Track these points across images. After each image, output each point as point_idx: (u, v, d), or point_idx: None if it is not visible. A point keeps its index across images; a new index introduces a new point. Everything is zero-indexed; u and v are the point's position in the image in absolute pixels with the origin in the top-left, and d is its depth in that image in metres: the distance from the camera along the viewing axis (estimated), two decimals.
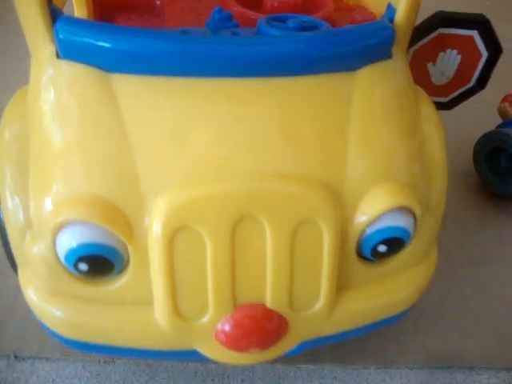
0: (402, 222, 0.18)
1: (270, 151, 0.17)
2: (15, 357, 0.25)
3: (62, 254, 0.17)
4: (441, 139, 0.22)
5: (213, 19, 0.21)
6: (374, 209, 0.18)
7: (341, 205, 0.17)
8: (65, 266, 0.17)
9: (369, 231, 0.18)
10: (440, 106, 0.27)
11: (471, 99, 0.33)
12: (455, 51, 0.25)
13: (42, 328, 0.20)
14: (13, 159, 0.19)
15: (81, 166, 0.17)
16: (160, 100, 0.18)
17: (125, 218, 0.16)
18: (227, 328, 0.17)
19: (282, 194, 0.17)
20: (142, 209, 0.17)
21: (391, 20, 0.20)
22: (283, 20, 0.21)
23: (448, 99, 0.27)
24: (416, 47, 0.25)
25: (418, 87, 0.23)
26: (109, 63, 0.17)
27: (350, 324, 0.20)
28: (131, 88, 0.18)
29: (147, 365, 0.25)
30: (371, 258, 0.19)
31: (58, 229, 0.17)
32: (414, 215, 0.19)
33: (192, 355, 0.19)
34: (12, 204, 0.18)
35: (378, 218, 0.18)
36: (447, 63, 0.26)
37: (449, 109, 0.28)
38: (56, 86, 0.18)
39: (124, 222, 0.16)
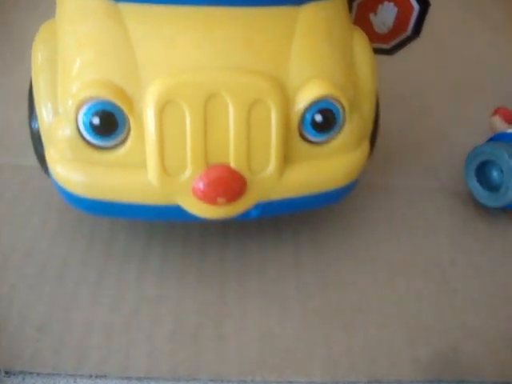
0: (332, 103, 0.24)
1: (235, 53, 0.24)
2: (6, 372, 0.25)
3: (81, 120, 0.23)
4: (371, 64, 0.27)
5: None
6: (310, 96, 0.24)
7: (285, 92, 0.24)
8: (83, 136, 0.24)
9: (307, 112, 0.24)
10: (383, 52, 0.32)
11: (461, 114, 0.38)
12: (392, 3, 0.30)
13: (64, 196, 0.26)
14: (45, 74, 0.25)
15: (96, 60, 0.24)
16: (155, 17, 0.24)
17: (127, 96, 0.23)
18: (201, 183, 0.23)
19: (242, 80, 0.23)
20: (140, 90, 0.23)
21: None
22: None
23: (390, 46, 0.32)
24: (359, 1, 0.31)
25: (357, 27, 0.29)
26: None
27: (295, 190, 0.25)
28: (133, 11, 0.24)
29: (138, 379, 0.25)
30: (312, 135, 0.25)
31: (80, 105, 0.23)
32: (342, 106, 0.25)
33: (176, 213, 0.25)
34: (45, 108, 0.25)
35: (313, 103, 0.24)
36: (386, 14, 0.31)
37: (391, 54, 0.33)
38: (77, 12, 0.25)
39: (127, 99, 0.23)
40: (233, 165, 0.24)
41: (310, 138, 0.25)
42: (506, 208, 0.33)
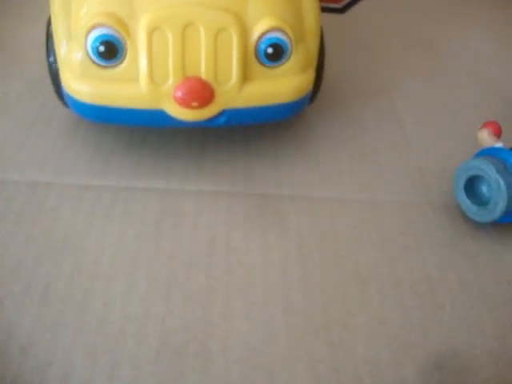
0: (280, 36, 0.31)
1: None
2: None
3: (89, 45, 0.30)
4: (315, 8, 0.34)
5: None
6: (262, 27, 0.31)
7: (244, 24, 0.31)
8: (91, 58, 0.31)
9: (261, 42, 0.31)
10: (336, 11, 0.39)
11: (450, 129, 0.40)
12: None
13: (75, 108, 0.33)
14: (61, 15, 0.32)
15: (100, 1, 0.31)
16: None
17: (125, 24, 0.30)
18: (179, 91, 0.31)
19: (211, 13, 0.30)
20: (135, 20, 0.30)
21: None
22: None
23: (341, 6, 0.39)
24: None
25: None
26: None
27: (253, 101, 0.32)
28: None
29: None
30: (265, 61, 0.32)
31: (89, 31, 0.30)
32: (289, 37, 0.31)
33: (161, 118, 0.32)
34: (61, 40, 0.32)
35: (266, 33, 0.31)
36: None
37: (343, 12, 0.39)
38: None
39: (125, 26, 0.30)
40: (204, 77, 0.31)
41: (264, 63, 0.32)
42: (496, 221, 0.33)
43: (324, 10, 0.38)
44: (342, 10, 0.40)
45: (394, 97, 0.44)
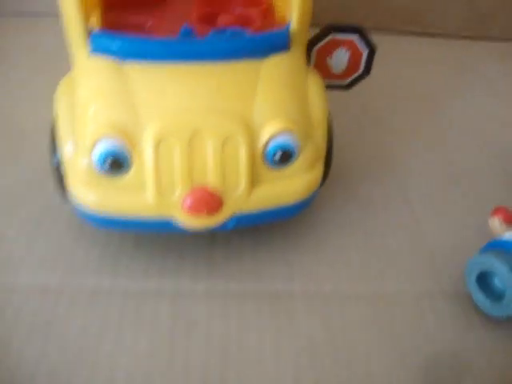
0: (288, 139, 0.31)
1: (211, 99, 0.31)
2: None
3: (95, 157, 0.30)
4: (322, 106, 0.34)
5: (181, 32, 0.34)
6: (271, 132, 0.31)
7: (250, 129, 0.31)
8: (96, 168, 0.31)
9: (269, 146, 0.31)
10: (341, 88, 0.39)
11: (461, 206, 0.41)
12: (345, 49, 0.37)
13: (80, 214, 0.33)
14: (66, 119, 0.32)
15: (105, 108, 0.31)
16: (151, 72, 0.31)
17: (131, 134, 0.30)
18: (188, 200, 0.30)
19: (216, 121, 0.30)
20: (140, 130, 0.30)
21: (288, 27, 0.33)
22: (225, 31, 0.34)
23: (346, 83, 0.39)
24: (317, 47, 0.36)
25: (314, 71, 0.35)
26: (122, 55, 0.31)
27: (261, 205, 0.32)
28: (134, 67, 0.31)
29: None
30: (273, 165, 0.32)
31: (94, 143, 0.30)
32: (297, 139, 0.31)
33: (168, 226, 0.31)
34: (66, 145, 0.32)
35: (273, 137, 0.31)
36: (340, 57, 0.37)
37: (348, 89, 0.39)
38: (90, 69, 0.32)
39: (131, 136, 0.30)
40: (212, 185, 0.31)
41: (272, 166, 0.32)
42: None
43: (329, 87, 0.38)
44: (347, 87, 0.39)
45: (402, 172, 0.44)
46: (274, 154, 0.31)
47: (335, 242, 0.37)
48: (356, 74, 0.38)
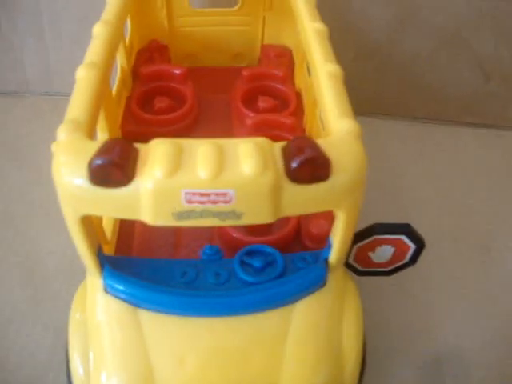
0: None
1: (233, 369, 0.27)
2: None
3: None
4: (358, 344, 0.30)
5: (204, 253, 0.30)
6: None
7: None
8: None
9: None
10: (382, 274, 0.34)
11: None
12: (389, 246, 0.32)
13: None
14: (81, 347, 0.29)
15: (120, 373, 0.28)
16: (168, 329, 0.28)
17: None
18: None
19: None
20: None
21: (326, 258, 0.29)
22: (253, 253, 0.30)
23: (388, 269, 0.34)
24: (359, 244, 0.31)
25: (352, 287, 0.31)
26: (136, 303, 0.28)
27: None
28: (150, 319, 0.28)
29: None
30: None
31: None
32: None
33: None
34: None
35: None
36: (384, 252, 0.33)
37: (389, 275, 0.35)
38: (102, 311, 0.29)
39: None
40: None
41: None
42: None
43: (369, 274, 0.34)
44: (389, 273, 0.35)
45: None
46: None
47: None
48: (400, 263, 0.34)
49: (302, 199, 0.24)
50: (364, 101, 0.58)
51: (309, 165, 0.23)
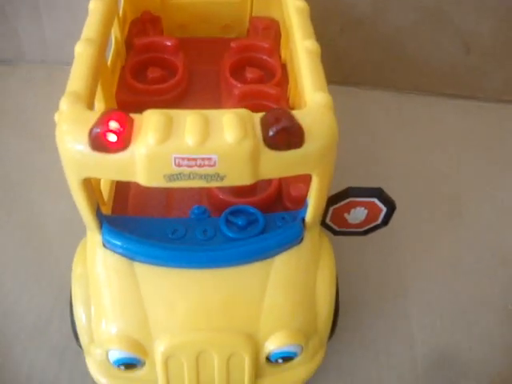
0: (293, 349, 0.32)
1: (219, 315, 0.31)
2: None
3: (111, 359, 0.32)
4: (330, 296, 0.34)
5: (193, 212, 0.33)
6: (276, 344, 0.31)
7: (255, 344, 0.31)
8: (112, 364, 0.32)
9: (273, 353, 0.32)
10: (358, 234, 0.38)
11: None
12: (363, 208, 0.35)
13: None
14: (83, 297, 0.33)
15: (118, 319, 0.31)
16: (160, 280, 0.31)
17: (143, 347, 0.31)
18: None
19: (221, 339, 0.31)
20: (151, 341, 0.31)
21: (303, 217, 0.32)
22: (238, 212, 0.33)
23: (362, 230, 0.37)
24: (334, 206, 0.35)
25: (327, 243, 0.35)
26: (131, 256, 0.31)
27: None
28: (144, 270, 0.31)
29: None
30: (275, 363, 0.32)
31: (108, 349, 0.31)
32: (301, 347, 0.32)
33: None
34: (84, 330, 0.33)
35: (278, 348, 0.31)
36: (358, 214, 0.36)
37: (364, 235, 0.38)
38: (101, 264, 0.32)
39: (142, 350, 0.31)
40: None
41: (274, 363, 0.33)
42: None
43: (344, 233, 0.38)
44: (363, 233, 0.38)
45: (407, 303, 0.43)
46: (277, 360, 0.32)
47: None
48: (373, 224, 0.37)
49: (278, 164, 0.27)
50: (349, 71, 0.60)
51: (284, 133, 0.26)
